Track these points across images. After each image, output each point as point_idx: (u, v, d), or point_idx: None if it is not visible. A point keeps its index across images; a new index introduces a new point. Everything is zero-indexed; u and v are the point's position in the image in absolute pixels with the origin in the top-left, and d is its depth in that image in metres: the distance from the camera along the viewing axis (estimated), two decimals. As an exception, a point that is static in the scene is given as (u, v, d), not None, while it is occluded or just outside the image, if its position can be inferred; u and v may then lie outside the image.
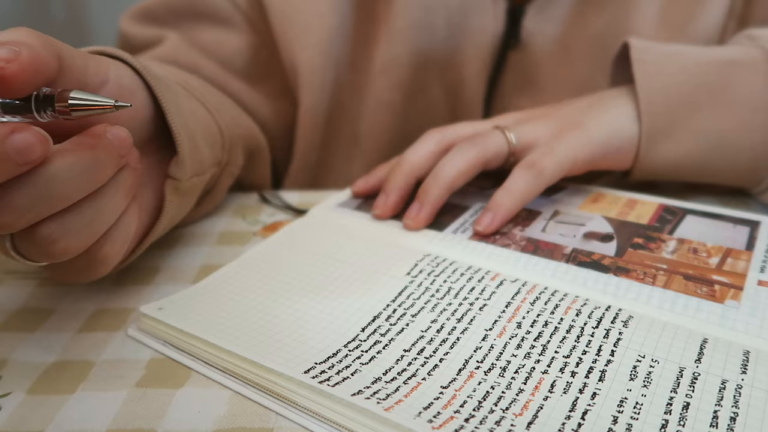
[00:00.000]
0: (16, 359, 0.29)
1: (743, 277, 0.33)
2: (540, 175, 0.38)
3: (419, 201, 0.39)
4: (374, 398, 0.25)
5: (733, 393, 0.25)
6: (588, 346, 0.28)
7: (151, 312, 0.30)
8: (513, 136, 0.40)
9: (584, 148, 0.40)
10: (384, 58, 0.52)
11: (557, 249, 0.36)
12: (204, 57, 0.51)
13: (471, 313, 0.30)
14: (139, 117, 0.31)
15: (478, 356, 0.27)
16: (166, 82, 0.33)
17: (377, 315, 0.30)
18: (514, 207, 0.38)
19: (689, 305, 0.31)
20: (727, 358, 0.27)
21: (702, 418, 0.24)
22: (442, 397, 0.25)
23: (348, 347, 0.28)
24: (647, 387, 0.26)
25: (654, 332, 0.29)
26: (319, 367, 0.27)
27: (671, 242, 0.36)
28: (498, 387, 0.26)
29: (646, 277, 0.33)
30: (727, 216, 0.39)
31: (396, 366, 0.27)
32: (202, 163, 0.36)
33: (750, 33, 0.44)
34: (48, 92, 0.24)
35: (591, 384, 0.26)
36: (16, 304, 0.34)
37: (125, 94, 0.29)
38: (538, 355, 0.27)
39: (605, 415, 0.24)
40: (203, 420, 0.25)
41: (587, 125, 0.40)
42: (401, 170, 0.40)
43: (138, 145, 0.29)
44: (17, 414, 0.26)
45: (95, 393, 0.27)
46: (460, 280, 0.33)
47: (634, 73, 0.41)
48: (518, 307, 0.30)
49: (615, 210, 0.40)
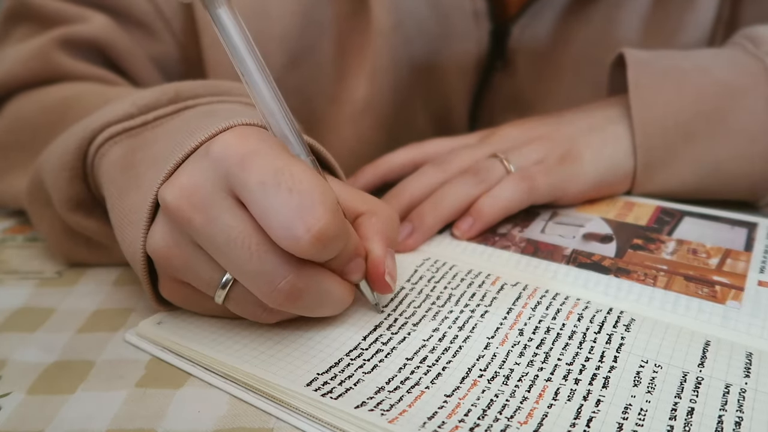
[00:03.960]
0: (16, 359, 0.29)
1: (743, 277, 0.33)
2: (531, 192, 0.38)
3: (412, 224, 0.37)
4: (378, 410, 0.24)
5: (737, 397, 0.25)
6: (591, 353, 0.28)
7: (149, 328, 0.30)
8: (512, 166, 0.39)
9: (578, 180, 0.39)
10: (365, 96, 0.50)
11: (557, 250, 0.36)
12: (139, 50, 0.47)
13: (472, 320, 0.30)
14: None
15: (481, 364, 0.27)
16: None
17: (379, 324, 0.30)
18: (497, 217, 0.38)
19: (691, 306, 0.31)
20: (730, 361, 0.27)
21: (707, 423, 0.24)
22: (446, 406, 0.25)
23: (350, 356, 0.28)
24: (651, 393, 0.26)
25: (656, 335, 0.29)
26: (322, 378, 0.26)
27: (671, 243, 0.36)
28: (502, 395, 0.25)
29: (647, 278, 0.33)
30: (725, 218, 0.39)
31: (399, 374, 0.27)
32: None
33: (750, 34, 0.42)
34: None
35: (595, 391, 0.26)
36: (16, 304, 0.34)
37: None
38: (541, 363, 0.27)
39: (610, 422, 0.24)
40: (203, 420, 0.25)
41: (584, 158, 0.40)
42: (399, 200, 0.39)
43: None
44: (17, 414, 0.26)
45: (95, 393, 0.27)
46: (461, 285, 0.33)
47: (630, 99, 0.40)
48: (519, 313, 0.30)
49: (613, 211, 0.40)
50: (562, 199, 0.40)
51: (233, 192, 0.26)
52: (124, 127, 0.33)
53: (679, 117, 0.39)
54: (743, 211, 0.40)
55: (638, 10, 0.49)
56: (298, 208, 0.24)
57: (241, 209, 0.26)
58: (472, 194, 0.38)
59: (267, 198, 0.24)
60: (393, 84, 0.50)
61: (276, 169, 0.25)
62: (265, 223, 0.25)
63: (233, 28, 0.26)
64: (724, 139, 0.39)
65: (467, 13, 0.49)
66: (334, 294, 0.28)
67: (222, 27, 0.26)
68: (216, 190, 0.26)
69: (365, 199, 0.30)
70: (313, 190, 0.24)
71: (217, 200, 0.26)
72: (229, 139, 0.26)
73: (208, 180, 0.26)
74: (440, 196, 0.38)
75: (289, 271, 0.25)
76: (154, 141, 0.31)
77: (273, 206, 0.24)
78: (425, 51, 0.50)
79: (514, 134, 0.42)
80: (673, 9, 0.49)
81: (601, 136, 0.41)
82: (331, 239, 0.25)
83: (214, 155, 0.26)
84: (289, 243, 0.24)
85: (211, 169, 0.26)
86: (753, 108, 0.39)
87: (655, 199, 0.41)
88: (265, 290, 0.26)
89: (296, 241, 0.24)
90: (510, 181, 0.38)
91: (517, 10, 0.49)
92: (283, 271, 0.25)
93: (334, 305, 0.28)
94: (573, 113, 0.43)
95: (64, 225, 0.35)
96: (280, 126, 0.28)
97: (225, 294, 0.27)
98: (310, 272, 0.26)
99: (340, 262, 0.27)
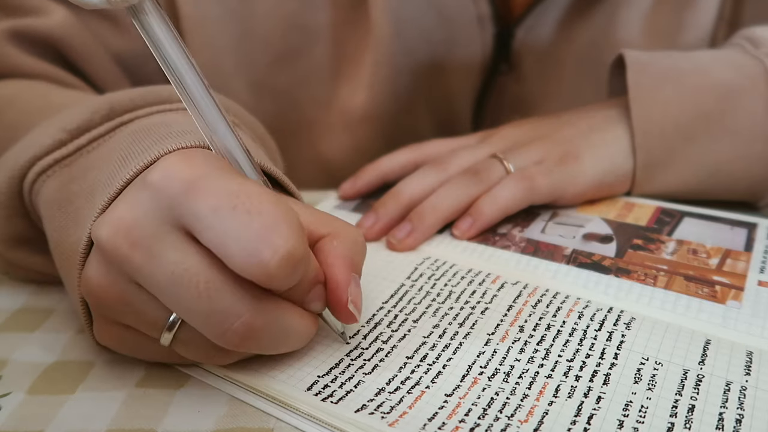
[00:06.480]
0: (16, 359, 0.29)
1: (743, 277, 0.33)
2: (531, 192, 0.38)
3: (411, 223, 0.37)
4: (378, 413, 0.24)
5: (737, 395, 0.25)
6: (591, 349, 0.28)
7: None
8: (512, 167, 0.39)
9: (578, 181, 0.39)
10: (364, 104, 0.49)
11: (557, 250, 0.36)
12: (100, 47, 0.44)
13: (473, 317, 0.30)
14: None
15: (482, 361, 0.27)
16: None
17: (379, 322, 0.30)
18: (496, 217, 0.37)
19: (691, 306, 0.31)
20: (731, 359, 0.27)
21: (707, 420, 0.24)
22: (446, 406, 0.25)
23: (350, 356, 0.28)
24: (652, 390, 0.25)
25: (657, 334, 0.29)
26: (322, 381, 0.26)
27: (671, 243, 0.36)
28: (502, 393, 0.25)
29: (647, 278, 0.33)
30: (725, 218, 0.39)
31: (399, 374, 0.27)
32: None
33: (750, 34, 0.43)
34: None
35: (596, 388, 0.26)
36: (16, 304, 0.34)
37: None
38: (541, 359, 0.27)
39: (611, 419, 0.24)
40: (203, 420, 0.25)
41: (584, 159, 0.40)
42: (398, 200, 0.38)
43: None
44: (17, 414, 0.26)
45: (95, 393, 0.27)
46: (461, 283, 0.33)
47: (630, 100, 0.40)
48: (520, 311, 0.30)
49: (613, 212, 0.40)
50: (562, 200, 0.40)
51: (179, 224, 0.23)
52: (54, 159, 0.29)
53: (679, 118, 0.39)
54: (743, 211, 0.40)
55: (640, 9, 0.49)
56: (261, 230, 0.22)
57: (188, 243, 0.23)
58: (471, 194, 0.38)
59: (223, 224, 0.22)
60: (394, 91, 0.50)
61: (229, 192, 0.22)
62: (223, 252, 0.22)
63: (166, 38, 0.23)
64: (724, 139, 0.39)
65: (471, 18, 0.49)
66: (294, 328, 0.25)
67: (153, 38, 0.23)
68: (158, 224, 0.23)
69: (327, 221, 0.27)
70: (275, 209, 0.22)
71: (160, 235, 0.23)
72: (170, 166, 0.23)
73: (148, 213, 0.23)
74: (440, 196, 0.38)
75: (245, 309, 0.23)
76: (89, 168, 0.28)
77: (231, 232, 0.22)
78: (428, 57, 0.50)
79: (514, 135, 0.42)
80: (675, 8, 0.49)
81: (601, 136, 0.41)
82: (299, 261, 0.22)
83: (154, 185, 0.23)
84: (254, 270, 0.22)
85: (151, 200, 0.23)
86: (752, 109, 0.39)
87: (654, 199, 0.41)
88: (218, 332, 0.23)
89: (263, 265, 0.21)
90: (510, 181, 0.38)
91: (522, 12, 0.49)
92: (237, 309, 0.23)
93: (295, 341, 0.26)
94: (573, 114, 0.43)
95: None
96: (225, 144, 0.25)
97: (172, 336, 0.25)
98: (267, 308, 0.24)
99: (300, 291, 0.25)
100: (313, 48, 0.49)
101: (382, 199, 0.39)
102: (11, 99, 0.37)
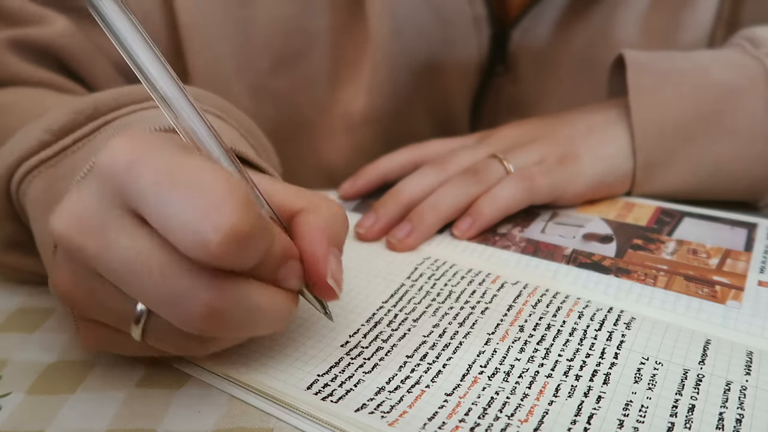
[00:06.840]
0: (16, 359, 0.29)
1: (743, 277, 0.33)
2: (531, 192, 0.38)
3: (411, 223, 0.37)
4: (378, 412, 0.24)
5: (738, 394, 0.25)
6: (591, 349, 0.28)
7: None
8: (512, 167, 0.39)
9: (577, 181, 0.39)
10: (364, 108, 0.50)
11: (557, 250, 0.36)
12: (101, 56, 0.44)
13: (473, 316, 0.30)
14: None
15: (482, 361, 0.27)
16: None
17: (379, 321, 0.30)
18: (496, 217, 0.38)
19: (691, 306, 0.31)
20: (731, 359, 0.27)
21: (708, 420, 0.24)
22: (446, 406, 0.25)
23: (350, 355, 0.28)
24: (652, 389, 0.25)
25: (657, 334, 0.29)
26: (322, 380, 0.26)
27: (671, 243, 0.36)
28: (502, 392, 0.25)
29: (647, 278, 0.33)
30: (725, 218, 0.39)
31: (399, 373, 0.27)
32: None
33: (750, 35, 0.43)
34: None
35: (596, 387, 0.26)
36: (16, 304, 0.34)
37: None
38: (541, 359, 0.27)
39: (611, 418, 0.24)
40: (203, 420, 0.25)
41: (583, 159, 0.40)
42: (398, 200, 0.38)
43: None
44: (17, 414, 0.26)
45: (95, 393, 0.27)
46: (461, 283, 0.33)
47: (630, 100, 0.40)
48: (520, 310, 0.30)
49: (613, 212, 0.40)
50: (562, 200, 0.40)
51: (129, 207, 0.21)
52: (40, 159, 0.29)
53: (679, 118, 0.39)
54: (743, 211, 0.40)
55: (638, 10, 0.49)
56: (202, 207, 0.20)
57: (139, 226, 0.22)
58: (471, 194, 0.38)
59: (164, 202, 0.20)
60: (393, 94, 0.50)
61: (170, 167, 0.21)
62: (167, 231, 0.21)
63: (120, 19, 0.23)
64: (724, 140, 0.39)
65: (468, 19, 0.49)
66: (267, 308, 0.23)
67: (107, 20, 0.23)
68: (109, 209, 0.21)
69: (302, 195, 0.26)
70: (217, 184, 0.20)
71: (111, 220, 0.21)
72: (114, 146, 0.21)
73: (95, 198, 0.22)
74: (439, 196, 0.38)
75: (204, 290, 0.21)
76: (75, 168, 0.27)
77: (172, 209, 0.20)
78: (425, 58, 0.50)
79: (514, 135, 0.42)
80: (672, 9, 0.49)
81: (601, 137, 0.41)
82: (247, 238, 0.20)
83: (99, 168, 0.22)
84: (197, 249, 0.20)
85: (99, 184, 0.22)
86: (752, 109, 0.39)
87: (654, 199, 0.41)
88: (181, 317, 0.22)
89: (205, 245, 0.20)
90: (509, 181, 0.38)
91: (518, 13, 0.49)
92: (195, 292, 0.21)
93: (269, 321, 0.24)
94: (572, 114, 0.43)
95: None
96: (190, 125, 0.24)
97: (141, 329, 0.23)
98: (231, 288, 0.22)
99: (269, 268, 0.23)
100: (312, 52, 0.49)
101: (381, 199, 0.39)
102: (9, 105, 0.37)
